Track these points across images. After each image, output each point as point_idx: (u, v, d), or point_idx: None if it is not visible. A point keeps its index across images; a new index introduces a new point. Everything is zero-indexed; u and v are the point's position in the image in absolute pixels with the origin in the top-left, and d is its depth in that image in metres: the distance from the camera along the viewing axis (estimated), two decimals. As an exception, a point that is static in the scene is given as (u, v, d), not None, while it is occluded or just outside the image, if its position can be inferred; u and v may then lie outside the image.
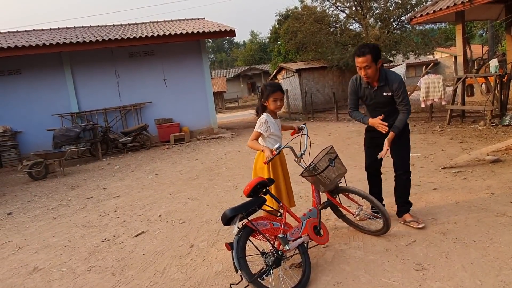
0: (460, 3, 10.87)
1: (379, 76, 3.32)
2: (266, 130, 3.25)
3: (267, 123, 3.23)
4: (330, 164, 3.13)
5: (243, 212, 2.66)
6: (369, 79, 3.32)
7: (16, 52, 11.12)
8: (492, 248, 2.84)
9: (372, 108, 3.52)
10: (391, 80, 3.31)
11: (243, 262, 2.54)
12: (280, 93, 3.26)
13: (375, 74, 3.28)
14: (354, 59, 3.34)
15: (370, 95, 3.44)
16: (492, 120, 8.45)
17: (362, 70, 3.25)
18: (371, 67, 3.21)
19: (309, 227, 2.91)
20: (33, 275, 3.46)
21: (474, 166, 5.23)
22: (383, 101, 3.39)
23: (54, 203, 6.33)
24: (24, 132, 12.03)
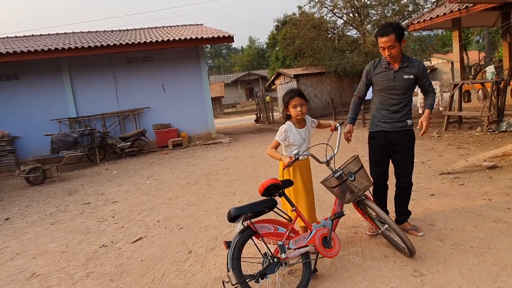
0: (457, 10, 10.98)
1: (401, 58, 3.22)
2: (284, 140, 3.20)
3: (286, 132, 3.19)
4: (354, 174, 2.99)
5: (248, 213, 2.64)
6: (392, 59, 3.19)
7: (15, 57, 11.13)
8: (490, 254, 2.86)
9: (386, 93, 3.30)
10: (415, 62, 3.24)
11: (235, 262, 2.54)
12: (299, 99, 3.13)
13: (399, 54, 3.17)
14: (377, 40, 3.21)
15: (389, 78, 3.25)
16: (489, 126, 8.50)
17: (386, 50, 3.12)
18: (395, 46, 3.09)
19: (318, 237, 2.76)
20: (31, 281, 3.45)
21: (472, 172, 5.25)
22: (401, 86, 3.22)
23: (51, 208, 6.31)
24: (22, 137, 12.01)
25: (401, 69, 3.22)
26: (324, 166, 3.19)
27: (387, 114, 3.34)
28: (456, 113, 9.66)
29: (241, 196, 5.59)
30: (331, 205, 4.63)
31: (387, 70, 3.27)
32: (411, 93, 3.32)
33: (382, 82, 3.30)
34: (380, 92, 3.36)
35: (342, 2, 18.15)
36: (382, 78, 3.30)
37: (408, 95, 3.28)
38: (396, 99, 3.27)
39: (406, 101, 3.29)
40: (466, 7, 10.73)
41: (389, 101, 3.31)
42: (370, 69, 3.40)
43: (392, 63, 3.25)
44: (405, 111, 3.31)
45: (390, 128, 3.34)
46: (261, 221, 2.74)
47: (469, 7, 10.74)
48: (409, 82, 3.22)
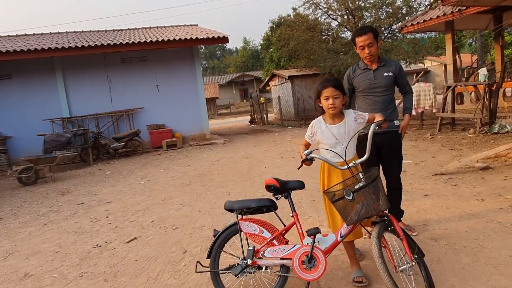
0: (450, 13, 11.09)
1: (378, 59, 3.34)
2: (312, 136, 2.77)
3: (313, 128, 2.76)
4: (353, 194, 2.37)
5: (237, 209, 2.67)
6: (371, 58, 3.27)
7: (7, 56, 11.03)
8: (483, 253, 2.89)
9: (369, 93, 3.35)
10: (391, 62, 3.39)
11: (215, 253, 2.62)
12: (332, 89, 2.62)
13: (376, 51, 3.28)
14: (354, 42, 3.29)
15: (369, 77, 3.33)
16: (482, 128, 8.59)
17: (366, 49, 3.22)
18: (374, 44, 3.21)
19: (298, 253, 2.45)
20: (24, 281, 3.42)
21: (464, 173, 5.31)
22: (382, 83, 3.30)
23: (44, 208, 6.25)
24: (14, 137, 11.88)
25: (380, 67, 3.33)
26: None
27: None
28: (449, 114, 9.75)
29: (236, 196, 5.59)
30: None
31: (366, 70, 3.37)
32: (392, 92, 3.39)
33: (363, 83, 3.37)
34: (362, 93, 3.42)
35: (337, 4, 18.22)
36: (362, 79, 3.37)
37: (390, 93, 3.36)
38: (380, 96, 3.33)
39: (390, 98, 3.36)
40: (459, 10, 10.84)
41: (373, 99, 3.36)
42: (350, 73, 3.49)
43: (370, 64, 3.35)
44: (390, 110, 3.36)
45: (379, 130, 3.33)
46: (253, 220, 2.71)
47: (462, 10, 10.86)
48: (389, 79, 3.31)
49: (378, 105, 3.32)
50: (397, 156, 3.42)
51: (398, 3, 17.77)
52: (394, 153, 3.39)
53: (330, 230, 2.78)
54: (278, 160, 8.38)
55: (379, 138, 3.30)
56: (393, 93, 3.42)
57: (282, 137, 13.14)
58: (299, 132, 14.14)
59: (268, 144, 11.49)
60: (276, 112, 22.76)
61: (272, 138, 13.13)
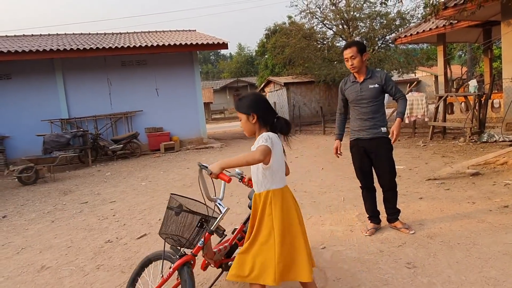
0: (442, 26, 11.53)
1: (366, 71, 3.61)
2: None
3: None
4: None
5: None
6: (355, 70, 3.57)
7: (7, 57, 11.13)
8: (475, 249, 3.15)
9: (357, 104, 3.65)
10: (377, 73, 3.63)
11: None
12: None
13: (361, 65, 3.55)
14: (343, 54, 3.64)
15: (356, 90, 3.63)
16: (472, 137, 8.94)
17: (349, 61, 3.54)
18: (356, 57, 3.50)
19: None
20: (41, 272, 3.58)
21: (456, 178, 5.60)
22: (368, 95, 3.57)
23: (49, 207, 6.38)
24: (11, 137, 11.93)
25: (366, 80, 3.61)
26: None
27: (360, 123, 3.69)
28: (441, 124, 10.10)
29: (239, 197, 5.79)
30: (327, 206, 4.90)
31: (354, 83, 3.69)
32: (380, 101, 3.64)
33: (352, 95, 3.70)
34: (351, 103, 3.76)
35: (333, 14, 18.65)
36: (351, 91, 3.70)
37: (376, 103, 3.60)
38: (366, 107, 3.62)
39: (375, 108, 3.61)
40: (450, 23, 11.29)
41: (360, 110, 3.66)
42: (342, 85, 3.84)
43: (358, 77, 3.66)
44: (376, 119, 3.62)
45: (364, 136, 3.66)
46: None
47: (453, 24, 11.31)
48: (375, 90, 3.57)
49: (365, 115, 3.63)
50: (386, 160, 3.64)
51: (392, 15, 18.26)
52: (382, 157, 3.63)
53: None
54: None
55: (366, 143, 3.66)
56: (381, 102, 3.67)
57: (278, 142, 13.38)
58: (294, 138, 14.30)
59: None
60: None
61: (268, 143, 13.37)
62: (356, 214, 4.39)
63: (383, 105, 3.68)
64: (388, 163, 3.65)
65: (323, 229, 3.98)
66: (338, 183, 6.11)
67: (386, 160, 3.64)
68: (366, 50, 3.59)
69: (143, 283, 2.69)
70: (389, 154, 3.66)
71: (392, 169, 3.70)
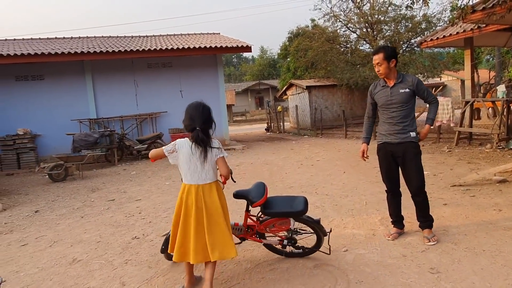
0: (469, 30, 11.28)
1: (396, 75, 3.62)
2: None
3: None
4: None
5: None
6: (382, 76, 3.62)
7: (41, 58, 11.63)
8: (500, 256, 3.12)
9: (386, 108, 3.66)
10: (408, 78, 3.63)
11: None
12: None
13: (387, 71, 3.57)
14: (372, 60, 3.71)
15: (386, 94, 3.64)
16: (499, 144, 8.73)
17: (376, 67, 3.60)
18: (383, 64, 3.53)
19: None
20: (73, 265, 3.76)
21: (482, 185, 5.50)
22: (398, 99, 3.56)
23: (78, 203, 6.64)
24: (43, 135, 12.43)
25: (397, 84, 3.61)
26: None
27: (389, 127, 3.68)
28: (467, 129, 9.90)
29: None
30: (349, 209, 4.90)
31: (384, 87, 3.70)
32: (410, 106, 3.61)
33: (381, 99, 3.71)
34: (381, 108, 3.76)
35: (356, 18, 18.53)
36: (381, 95, 3.71)
37: (406, 108, 3.58)
38: (395, 111, 3.61)
39: (405, 113, 3.59)
40: (478, 27, 11.03)
41: (389, 115, 3.66)
42: (372, 89, 3.85)
43: (388, 81, 3.66)
44: (406, 123, 3.60)
45: (392, 140, 3.65)
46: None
47: (481, 28, 11.05)
48: (406, 95, 3.56)
49: (394, 119, 3.63)
50: (414, 165, 3.60)
51: (418, 18, 17.97)
52: (410, 162, 3.60)
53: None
54: (298, 167, 8.65)
55: (394, 147, 3.65)
56: (412, 106, 3.63)
57: (300, 145, 13.41)
58: (315, 141, 14.40)
59: (286, 152, 11.77)
60: (292, 121, 23.04)
61: (290, 146, 13.41)
62: (378, 219, 4.39)
63: (413, 110, 3.66)
64: (416, 167, 3.61)
65: (345, 233, 4.01)
66: (360, 187, 6.10)
67: (414, 165, 3.60)
68: (394, 56, 3.58)
69: None
70: (417, 159, 3.63)
71: (420, 175, 3.65)
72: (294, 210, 3.14)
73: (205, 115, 2.86)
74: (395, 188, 3.81)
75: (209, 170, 2.88)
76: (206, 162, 2.83)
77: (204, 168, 2.85)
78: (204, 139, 2.80)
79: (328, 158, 9.67)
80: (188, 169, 2.85)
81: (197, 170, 2.85)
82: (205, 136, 2.81)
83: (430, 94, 3.64)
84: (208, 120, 2.87)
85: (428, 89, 3.65)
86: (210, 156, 2.84)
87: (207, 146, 2.82)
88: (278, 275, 3.16)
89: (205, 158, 2.82)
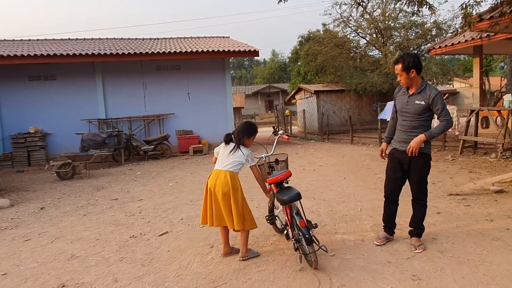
0: (478, 38, 11.24)
1: (419, 85, 3.56)
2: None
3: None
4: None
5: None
6: (404, 85, 3.64)
7: (53, 59, 11.97)
8: (483, 266, 3.17)
9: (401, 114, 3.70)
10: (428, 90, 3.51)
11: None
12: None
13: (408, 81, 3.55)
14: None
15: (404, 101, 3.66)
16: (504, 153, 8.67)
17: (398, 76, 3.62)
18: (402, 75, 3.54)
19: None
20: (71, 261, 3.91)
21: (479, 194, 5.51)
22: (411, 110, 3.55)
23: (82, 201, 6.83)
24: (53, 134, 12.74)
25: (415, 95, 3.58)
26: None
27: (399, 134, 3.73)
28: (472, 138, 9.85)
29: (259, 202, 5.98)
30: (343, 215, 4.98)
31: (404, 94, 3.70)
32: (424, 118, 3.56)
33: (399, 104, 3.75)
34: (398, 113, 3.80)
35: (366, 23, 18.55)
36: (399, 101, 3.74)
37: (419, 120, 3.55)
38: (407, 120, 3.63)
39: (416, 124, 3.56)
40: (487, 35, 10.98)
41: (402, 122, 3.69)
42: (396, 92, 3.88)
43: (410, 89, 3.64)
44: (415, 134, 3.55)
45: (400, 147, 3.68)
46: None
47: (490, 36, 11.00)
48: (419, 107, 3.52)
49: (404, 127, 3.66)
50: (418, 176, 3.63)
51: (428, 24, 17.91)
52: (413, 173, 3.63)
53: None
54: (300, 172, 8.73)
55: (400, 155, 3.68)
56: (426, 119, 3.57)
57: (305, 150, 13.46)
58: (321, 146, 14.43)
59: (290, 156, 11.70)
60: (300, 125, 23.09)
61: (295, 150, 13.48)
62: (370, 225, 4.45)
63: (429, 122, 3.60)
64: (419, 178, 3.63)
65: (335, 238, 4.09)
66: (358, 193, 6.16)
67: (418, 174, 3.61)
68: (414, 66, 3.50)
69: None
70: (421, 171, 3.61)
71: (422, 187, 3.67)
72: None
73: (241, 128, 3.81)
74: (393, 196, 3.84)
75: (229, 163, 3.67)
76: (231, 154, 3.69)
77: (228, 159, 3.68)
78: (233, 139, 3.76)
79: (331, 164, 9.71)
80: (218, 161, 3.79)
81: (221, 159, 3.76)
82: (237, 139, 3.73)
83: (444, 113, 3.47)
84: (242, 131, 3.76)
85: (445, 107, 3.50)
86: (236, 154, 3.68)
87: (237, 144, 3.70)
88: (264, 276, 3.25)
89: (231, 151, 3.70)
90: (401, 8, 18.07)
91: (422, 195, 3.72)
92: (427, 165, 3.65)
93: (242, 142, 3.70)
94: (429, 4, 7.24)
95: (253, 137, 3.79)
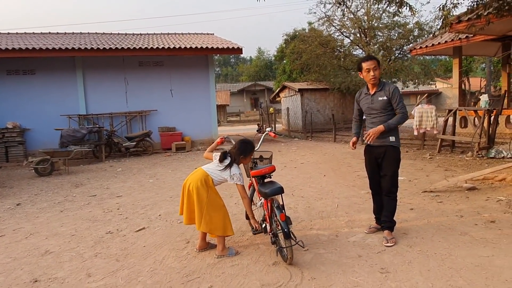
0: (457, 39, 11.50)
1: (379, 84, 3.87)
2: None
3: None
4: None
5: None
6: (375, 81, 3.82)
7: (32, 53, 11.73)
8: (449, 259, 3.28)
9: (368, 114, 3.96)
10: (387, 86, 3.85)
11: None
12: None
13: (378, 76, 3.82)
14: (360, 67, 3.87)
15: (367, 101, 3.93)
16: (479, 152, 8.92)
17: (371, 71, 3.78)
18: (378, 69, 3.80)
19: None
20: (45, 256, 3.88)
21: (452, 191, 5.67)
22: (377, 106, 3.83)
23: (60, 198, 6.74)
24: (32, 129, 12.50)
25: (377, 93, 3.88)
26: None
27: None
28: (449, 137, 10.09)
29: (238, 198, 6.00)
30: (320, 212, 5.05)
31: (367, 95, 3.99)
32: (390, 112, 3.83)
33: (364, 105, 4.02)
34: (365, 113, 4.07)
35: (350, 23, 18.73)
36: (364, 102, 4.02)
37: (386, 114, 3.83)
38: (375, 117, 3.89)
39: (385, 119, 3.81)
40: (467, 37, 11.26)
41: (372, 120, 3.94)
42: (357, 96, 4.17)
43: (371, 89, 3.92)
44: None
45: (374, 143, 3.87)
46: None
47: (469, 37, 11.27)
48: (383, 102, 3.83)
49: (374, 124, 3.87)
50: (389, 167, 3.84)
51: (410, 25, 18.21)
52: (386, 167, 3.85)
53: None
54: (281, 169, 8.78)
55: (375, 150, 3.92)
56: (392, 113, 3.83)
57: (288, 147, 13.56)
58: (304, 144, 14.55)
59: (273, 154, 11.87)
60: (284, 123, 23.20)
61: (278, 148, 13.56)
62: (345, 221, 4.54)
63: (394, 115, 3.82)
64: (391, 169, 3.84)
65: (310, 233, 4.15)
66: (336, 190, 6.25)
67: (389, 165, 3.83)
68: (379, 64, 3.89)
69: None
70: (393, 165, 3.85)
71: (393, 180, 3.87)
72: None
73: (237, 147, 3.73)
74: (377, 188, 4.05)
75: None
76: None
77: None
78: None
79: (312, 161, 9.81)
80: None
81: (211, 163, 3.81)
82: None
83: (401, 106, 3.77)
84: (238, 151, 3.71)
85: (402, 101, 3.81)
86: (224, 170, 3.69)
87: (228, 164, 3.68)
88: (237, 270, 3.29)
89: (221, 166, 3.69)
90: (384, 8, 18.34)
91: (394, 188, 3.91)
92: (399, 158, 3.90)
93: (238, 161, 3.70)
94: (409, 5, 7.38)
95: (249, 156, 3.80)
